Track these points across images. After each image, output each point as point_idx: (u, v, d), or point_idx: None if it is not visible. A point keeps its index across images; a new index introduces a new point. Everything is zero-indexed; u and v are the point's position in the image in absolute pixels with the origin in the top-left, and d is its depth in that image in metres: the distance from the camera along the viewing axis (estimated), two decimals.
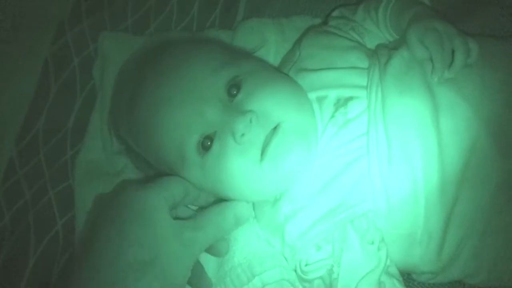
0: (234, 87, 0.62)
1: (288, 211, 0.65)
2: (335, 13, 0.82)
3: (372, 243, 0.62)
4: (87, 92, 0.87)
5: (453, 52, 0.64)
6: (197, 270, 0.66)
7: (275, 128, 0.61)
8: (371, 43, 0.75)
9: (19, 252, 0.76)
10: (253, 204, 0.68)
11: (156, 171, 0.72)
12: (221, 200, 0.65)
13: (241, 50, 0.81)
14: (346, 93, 0.66)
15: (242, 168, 0.61)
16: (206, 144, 0.62)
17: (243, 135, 0.59)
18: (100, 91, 0.86)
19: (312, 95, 0.67)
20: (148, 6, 0.93)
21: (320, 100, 0.67)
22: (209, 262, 0.70)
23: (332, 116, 0.65)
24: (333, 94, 0.67)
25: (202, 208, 0.66)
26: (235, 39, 0.86)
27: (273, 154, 0.60)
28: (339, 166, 0.64)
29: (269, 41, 0.85)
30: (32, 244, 0.76)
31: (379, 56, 0.68)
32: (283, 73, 0.71)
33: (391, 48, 0.70)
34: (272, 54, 0.84)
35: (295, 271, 0.66)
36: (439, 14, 0.70)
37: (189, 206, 0.68)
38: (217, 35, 0.88)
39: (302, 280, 0.65)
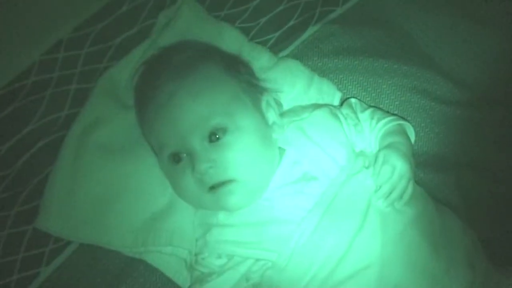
0: (220, 131, 0.75)
1: (222, 221, 0.78)
2: (353, 101, 0.90)
3: (247, 281, 0.75)
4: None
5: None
6: None
7: (228, 181, 0.74)
8: (359, 143, 0.84)
9: None
10: None
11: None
12: None
13: (260, 89, 0.86)
14: (315, 172, 0.78)
15: (191, 190, 0.76)
16: (176, 158, 0.77)
17: (198, 174, 0.74)
18: (154, 34, 0.92)
19: (292, 156, 0.79)
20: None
21: (295, 163, 0.79)
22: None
23: (295, 182, 0.77)
24: (306, 167, 0.78)
25: None
26: (273, 69, 0.92)
27: (218, 196, 0.75)
28: (275, 217, 0.76)
29: (295, 88, 0.92)
30: None
31: (354, 165, 0.78)
32: (267, 134, 0.80)
33: (365, 164, 0.79)
34: (289, 99, 0.91)
35: (195, 255, 0.80)
36: (408, 155, 0.79)
37: None
38: (261, 53, 0.94)
39: (190, 264, 0.81)
